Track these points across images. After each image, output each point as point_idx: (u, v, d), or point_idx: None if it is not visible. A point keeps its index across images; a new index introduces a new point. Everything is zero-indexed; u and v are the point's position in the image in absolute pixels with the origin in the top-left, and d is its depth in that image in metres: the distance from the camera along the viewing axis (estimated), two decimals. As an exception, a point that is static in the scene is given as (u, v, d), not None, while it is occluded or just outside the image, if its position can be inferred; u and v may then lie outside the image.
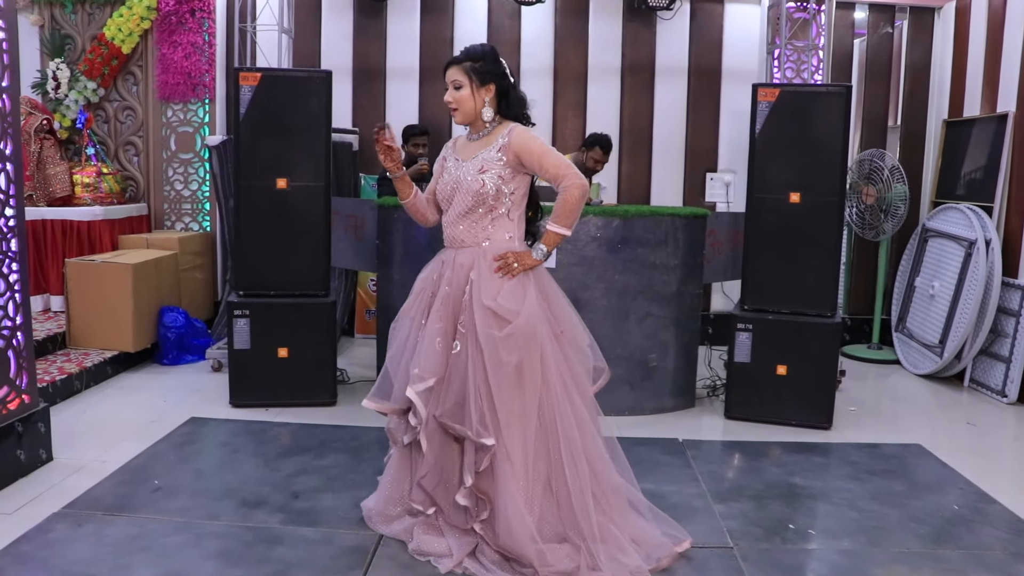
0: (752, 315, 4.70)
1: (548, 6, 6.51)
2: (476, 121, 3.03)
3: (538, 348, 2.89)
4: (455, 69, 2.99)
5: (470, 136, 3.09)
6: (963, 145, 6.11)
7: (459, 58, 3.01)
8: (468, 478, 2.89)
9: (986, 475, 3.92)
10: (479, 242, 2.99)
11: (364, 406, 3.17)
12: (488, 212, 2.97)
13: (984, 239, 5.44)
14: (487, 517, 2.91)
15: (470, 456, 2.90)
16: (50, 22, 6.39)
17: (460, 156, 3.06)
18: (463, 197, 2.98)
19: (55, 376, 4.70)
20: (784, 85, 5.00)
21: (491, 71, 3.00)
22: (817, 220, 4.59)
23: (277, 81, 4.66)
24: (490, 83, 3.00)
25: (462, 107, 3.00)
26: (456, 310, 2.96)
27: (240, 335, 4.67)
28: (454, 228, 3.04)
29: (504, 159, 2.94)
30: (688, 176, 6.74)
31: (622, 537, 2.94)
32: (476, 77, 2.97)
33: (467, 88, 2.98)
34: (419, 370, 2.93)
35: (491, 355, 2.84)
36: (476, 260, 2.96)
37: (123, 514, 3.25)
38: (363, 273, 6.49)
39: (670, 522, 3.15)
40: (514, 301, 2.88)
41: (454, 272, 2.99)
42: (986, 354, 5.46)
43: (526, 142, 2.93)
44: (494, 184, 2.93)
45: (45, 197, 6.01)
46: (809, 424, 4.59)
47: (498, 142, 2.96)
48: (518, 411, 2.88)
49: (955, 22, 6.35)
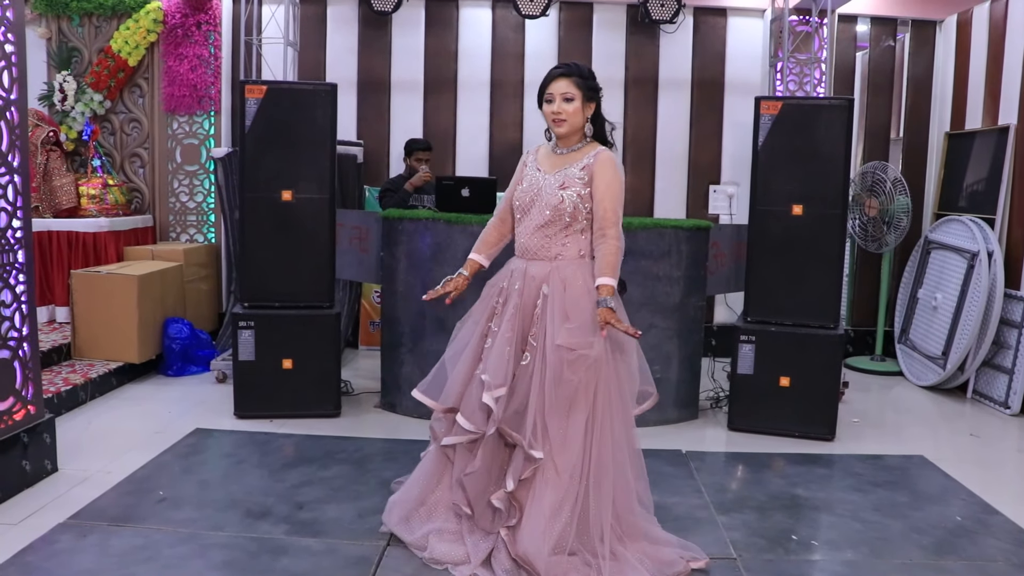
0: (755, 327, 4.72)
1: (552, 20, 6.54)
2: (572, 136, 3.07)
3: (597, 372, 2.94)
4: (566, 82, 3.01)
5: (556, 149, 3.12)
6: (965, 157, 6.13)
7: (567, 72, 3.03)
8: (511, 483, 2.93)
9: (989, 486, 3.92)
10: (552, 256, 3.04)
11: (413, 395, 3.20)
12: (564, 228, 3.02)
13: (986, 251, 5.45)
14: (514, 524, 2.95)
15: (518, 462, 2.94)
16: (57, 35, 6.44)
17: (542, 167, 3.10)
18: (540, 209, 3.03)
19: (60, 387, 4.71)
20: (787, 98, 5.03)
21: (596, 89, 3.07)
22: (820, 232, 4.60)
23: (282, 94, 4.69)
24: (593, 101, 3.06)
25: (571, 119, 3.02)
26: (526, 322, 3.02)
27: (245, 346, 4.68)
28: (528, 239, 3.08)
29: (585, 178, 2.99)
30: (691, 188, 6.77)
31: (631, 557, 2.96)
32: (585, 92, 3.02)
33: (578, 102, 3.01)
34: (490, 377, 2.97)
35: (556, 372, 2.89)
36: (549, 274, 3.01)
37: (128, 525, 3.26)
38: (367, 285, 6.51)
39: (686, 544, 3.15)
40: (588, 331, 2.91)
41: (525, 283, 3.04)
42: (989, 365, 5.46)
43: (606, 169, 2.99)
44: (572, 202, 2.98)
45: (51, 208, 6.05)
46: (812, 436, 4.59)
47: (583, 161, 3.02)
48: (571, 428, 2.93)
49: (956, 35, 6.37)
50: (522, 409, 2.94)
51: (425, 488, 3.22)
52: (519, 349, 3.01)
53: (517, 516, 2.95)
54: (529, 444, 2.88)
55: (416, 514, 3.20)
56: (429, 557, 3.02)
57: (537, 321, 2.98)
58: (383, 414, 4.92)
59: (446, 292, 3.18)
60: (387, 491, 3.68)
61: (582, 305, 2.95)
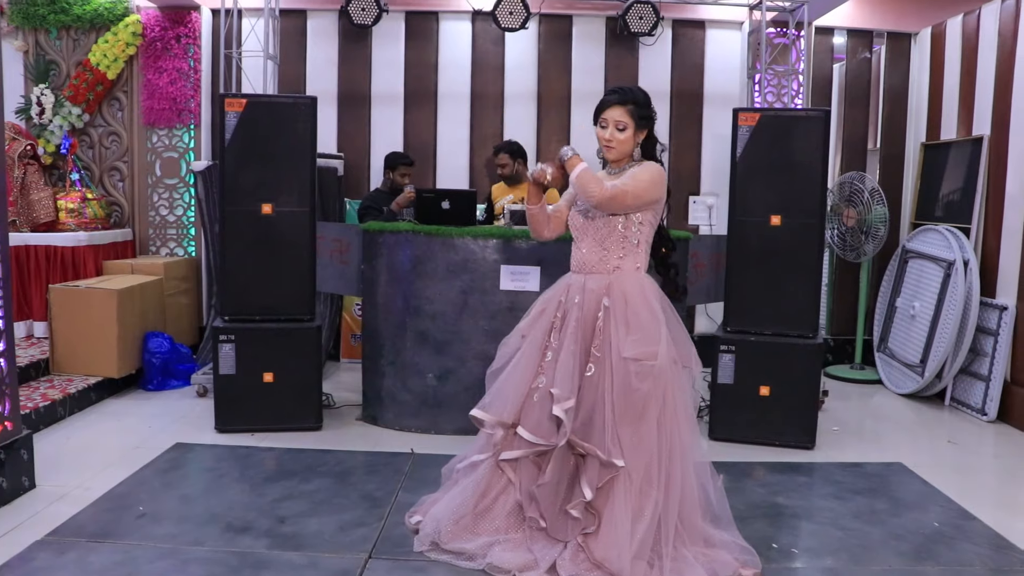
0: (735, 337, 4.74)
1: (532, 32, 6.58)
2: (622, 160, 3.14)
3: (666, 379, 3.00)
4: (620, 110, 3.07)
5: (609, 170, 3.19)
6: (941, 167, 6.20)
7: (622, 99, 3.07)
8: (588, 492, 2.96)
9: (967, 493, 3.95)
10: (609, 270, 3.09)
11: (471, 415, 3.23)
12: (619, 242, 3.08)
13: (963, 260, 5.51)
14: (592, 530, 2.98)
15: (592, 472, 2.98)
16: (34, 48, 6.40)
17: None
18: (597, 227, 3.09)
19: (38, 402, 4.67)
20: (764, 109, 5.08)
21: (650, 117, 3.14)
22: (798, 242, 4.65)
23: (262, 107, 4.69)
24: (645, 128, 3.12)
25: (620, 148, 3.10)
26: (588, 334, 3.06)
27: (225, 360, 4.66)
28: (585, 254, 3.14)
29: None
30: (671, 199, 6.75)
31: (689, 555, 3.01)
32: (639, 122, 3.08)
33: (629, 131, 3.08)
34: (559, 390, 3.01)
35: (624, 382, 2.95)
36: (609, 286, 3.06)
37: (107, 541, 3.23)
38: (348, 298, 6.50)
39: (746, 548, 3.16)
40: (652, 341, 2.97)
41: (585, 297, 3.08)
42: (966, 373, 5.52)
43: (644, 169, 3.08)
44: (626, 216, 3.05)
45: (29, 223, 6.00)
46: (792, 444, 4.62)
47: (629, 171, 3.09)
48: (642, 435, 2.97)
49: (931, 47, 6.46)
50: (591, 420, 2.99)
51: (470, 501, 3.21)
52: (583, 361, 3.05)
53: (595, 523, 2.98)
54: (608, 453, 2.93)
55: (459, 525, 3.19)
56: (489, 564, 3.02)
57: (599, 333, 3.03)
58: (365, 427, 4.90)
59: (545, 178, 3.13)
60: (369, 504, 3.68)
61: (643, 317, 3.02)
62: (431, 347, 4.70)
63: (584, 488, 2.98)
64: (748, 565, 3.09)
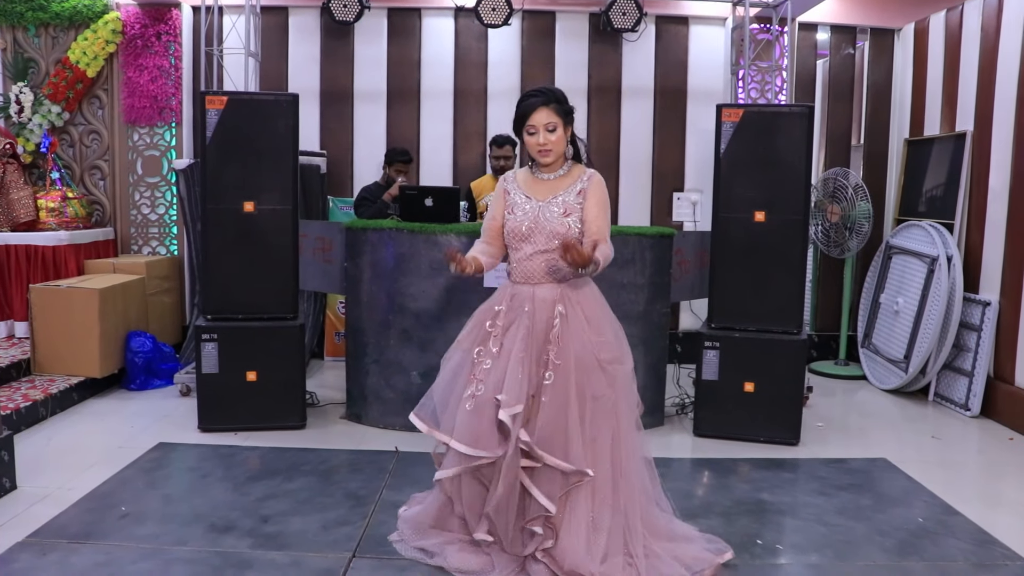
0: (719, 333, 4.75)
1: (515, 29, 6.56)
2: (556, 162, 3.07)
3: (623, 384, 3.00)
4: (547, 111, 2.98)
5: (539, 174, 3.11)
6: (924, 163, 6.23)
7: (545, 99, 2.98)
8: (551, 505, 2.87)
9: (950, 488, 3.98)
10: (560, 278, 3.02)
11: (411, 419, 3.14)
12: None
13: (946, 255, 5.53)
14: (551, 545, 2.92)
15: (552, 483, 2.90)
16: (12, 45, 6.34)
17: (531, 194, 3.08)
18: (547, 238, 3.00)
19: (19, 403, 4.63)
20: (748, 105, 5.07)
21: (571, 112, 3.06)
22: (782, 238, 4.65)
23: (243, 104, 4.66)
24: (570, 125, 3.06)
25: (556, 149, 3.02)
26: (541, 342, 2.98)
27: (208, 359, 4.63)
28: (529, 264, 3.04)
29: (582, 203, 3.00)
30: (655, 195, 6.81)
31: (664, 554, 3.00)
32: (565, 118, 3.02)
33: (560, 129, 3.01)
34: (507, 396, 2.92)
35: (592, 388, 2.93)
36: (562, 294, 3.00)
37: (89, 542, 3.21)
38: (332, 296, 6.47)
39: (710, 538, 3.22)
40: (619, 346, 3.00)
41: (536, 306, 3.00)
42: (949, 368, 5.55)
43: (599, 189, 3.05)
44: (577, 227, 3.00)
45: (9, 222, 5.95)
46: (777, 440, 4.63)
47: (578, 186, 3.03)
48: (603, 441, 2.95)
49: (914, 43, 6.48)
50: (558, 429, 2.90)
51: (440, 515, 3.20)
52: (537, 369, 2.97)
53: (554, 537, 2.91)
54: (576, 463, 2.87)
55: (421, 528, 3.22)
56: (452, 566, 3.01)
57: (557, 341, 2.95)
58: (349, 425, 4.89)
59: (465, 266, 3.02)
60: (353, 502, 3.67)
61: (604, 324, 3.02)
62: (415, 345, 4.68)
63: (543, 501, 2.88)
64: (720, 552, 3.13)
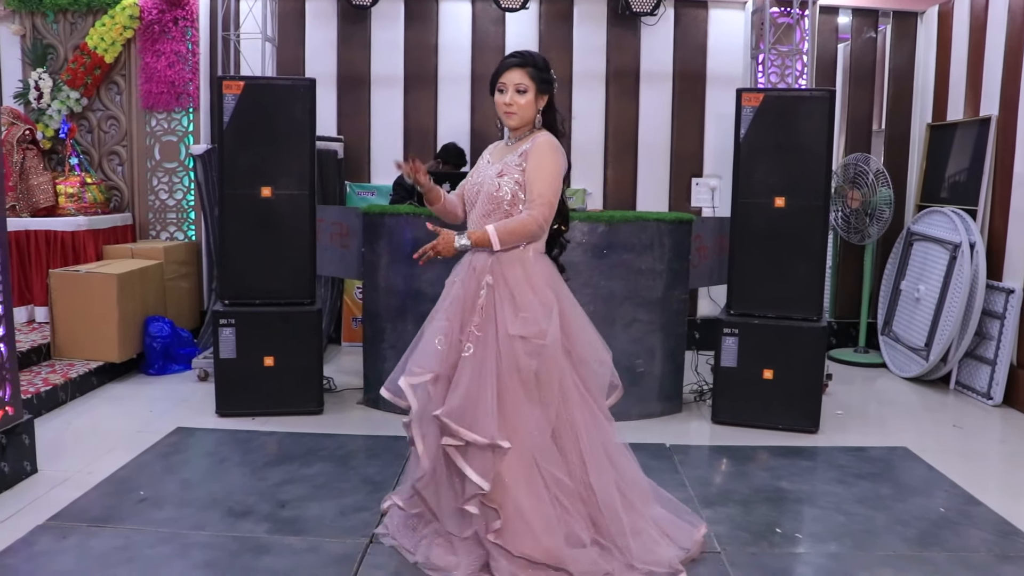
0: (738, 320, 4.71)
1: (532, 13, 6.52)
2: (522, 128, 3.01)
3: (557, 358, 2.87)
4: (519, 72, 2.94)
5: (508, 140, 3.08)
6: (947, 149, 6.14)
7: (522, 62, 2.95)
8: (484, 483, 2.77)
9: (972, 477, 3.93)
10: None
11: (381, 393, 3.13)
12: (504, 218, 2.92)
13: (968, 242, 5.46)
14: (500, 527, 2.81)
15: (482, 461, 2.80)
16: (32, 32, 6.35)
17: (492, 159, 3.07)
18: (483, 199, 2.97)
19: (40, 387, 4.66)
20: (768, 90, 5.02)
21: (550, 81, 3.00)
22: (802, 224, 4.60)
23: (260, 89, 4.65)
24: (546, 93, 3.00)
25: (521, 112, 2.96)
26: (467, 312, 2.93)
27: (226, 344, 4.65)
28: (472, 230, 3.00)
29: (523, 165, 2.92)
30: (674, 181, 6.76)
31: (652, 530, 2.96)
32: (539, 85, 2.96)
33: (531, 94, 2.95)
34: (414, 365, 2.92)
35: (511, 361, 2.82)
36: (492, 264, 2.91)
37: (108, 525, 3.23)
38: (349, 281, 6.48)
39: (686, 509, 3.23)
40: (540, 321, 2.84)
41: (468, 274, 2.96)
42: (971, 357, 5.49)
43: (541, 151, 2.91)
44: (510, 189, 2.91)
45: (28, 208, 5.97)
46: (796, 428, 4.60)
47: (523, 147, 2.95)
48: (535, 418, 2.85)
49: (938, 26, 6.39)
50: (474, 403, 2.82)
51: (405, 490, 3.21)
52: (453, 339, 2.93)
53: (499, 519, 2.80)
54: (491, 436, 2.77)
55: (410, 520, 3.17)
56: (423, 562, 2.95)
57: (480, 312, 2.89)
58: (366, 411, 4.89)
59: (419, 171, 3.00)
60: (370, 488, 3.67)
61: (527, 297, 2.87)
62: (433, 331, 4.66)
63: (475, 479, 2.78)
64: (697, 524, 3.15)
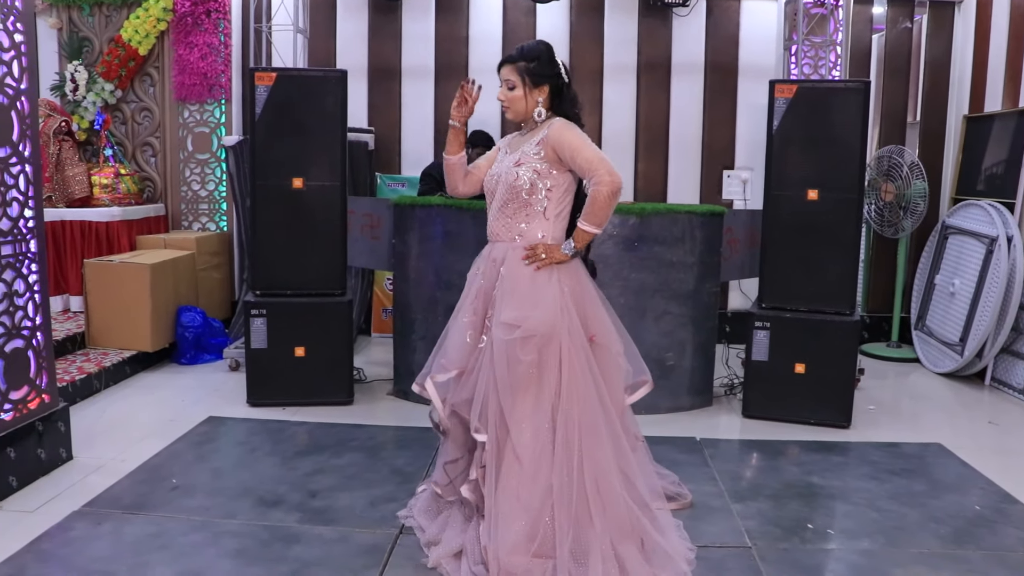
0: (770, 313, 4.67)
1: (563, 4, 6.49)
2: (528, 120, 3.03)
3: (557, 350, 2.84)
4: (509, 68, 2.99)
5: (521, 132, 3.10)
6: (984, 141, 6.05)
7: (514, 57, 2.99)
8: (474, 471, 2.89)
9: (1008, 475, 3.87)
10: (512, 237, 2.96)
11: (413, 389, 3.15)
12: (522, 207, 2.93)
13: (1006, 236, 5.38)
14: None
15: (481, 451, 2.87)
16: (68, 25, 6.43)
17: (509, 148, 3.08)
18: (501, 190, 2.97)
19: (75, 376, 4.73)
20: (801, 81, 4.96)
21: (545, 73, 2.98)
22: (835, 217, 4.55)
23: (292, 81, 4.67)
24: (544, 84, 2.99)
25: (513, 107, 3.00)
26: (487, 304, 2.97)
27: (257, 334, 4.68)
28: (493, 222, 3.03)
29: (542, 153, 2.90)
30: (705, 173, 6.71)
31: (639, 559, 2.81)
32: (530, 78, 2.96)
33: (520, 89, 2.97)
34: (445, 360, 2.96)
35: (503, 353, 2.80)
36: (507, 255, 2.94)
37: (141, 513, 3.27)
38: (379, 272, 6.50)
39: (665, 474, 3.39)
40: (530, 306, 2.82)
41: (487, 266, 3.00)
42: (1008, 352, 5.40)
43: (563, 133, 2.89)
44: (528, 178, 2.90)
45: (64, 198, 6.05)
46: (828, 423, 4.55)
47: (538, 136, 2.94)
48: (530, 411, 2.82)
49: (976, 16, 6.28)
50: (477, 394, 2.87)
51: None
52: (479, 333, 2.96)
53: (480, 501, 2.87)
54: (475, 429, 2.80)
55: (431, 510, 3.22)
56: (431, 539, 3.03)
57: (494, 303, 2.92)
58: (396, 401, 4.91)
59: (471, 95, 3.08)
60: (399, 479, 3.69)
61: (522, 284, 2.86)
62: (462, 323, 4.67)
63: (472, 468, 2.91)
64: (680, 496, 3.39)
